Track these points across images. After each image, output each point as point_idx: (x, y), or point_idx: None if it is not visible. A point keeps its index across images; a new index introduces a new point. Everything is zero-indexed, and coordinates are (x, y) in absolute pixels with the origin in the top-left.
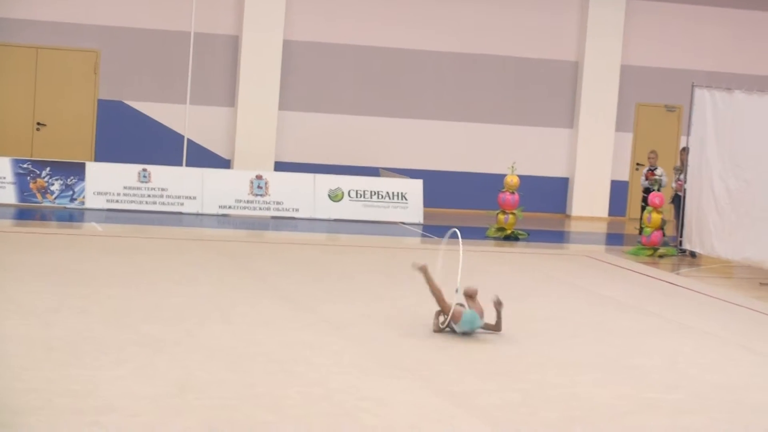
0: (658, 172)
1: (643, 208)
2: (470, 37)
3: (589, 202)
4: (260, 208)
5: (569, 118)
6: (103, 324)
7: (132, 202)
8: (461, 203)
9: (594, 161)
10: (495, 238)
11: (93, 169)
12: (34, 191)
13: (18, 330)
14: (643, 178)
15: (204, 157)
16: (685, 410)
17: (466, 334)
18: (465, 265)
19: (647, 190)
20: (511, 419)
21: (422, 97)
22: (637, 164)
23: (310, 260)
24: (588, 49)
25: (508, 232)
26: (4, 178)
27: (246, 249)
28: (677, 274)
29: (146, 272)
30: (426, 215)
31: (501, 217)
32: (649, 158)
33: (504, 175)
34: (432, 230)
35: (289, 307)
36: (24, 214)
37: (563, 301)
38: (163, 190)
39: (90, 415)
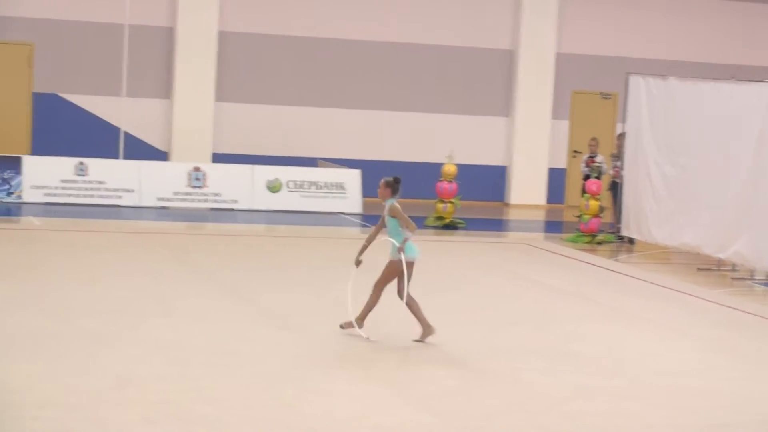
0: (599, 159)
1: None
2: (405, 26)
3: (527, 190)
4: (199, 200)
5: (506, 107)
6: (42, 318)
7: (70, 195)
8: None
9: (531, 149)
10: (434, 227)
11: (30, 162)
12: None
13: None
14: (583, 165)
15: (141, 150)
16: (625, 396)
17: (411, 260)
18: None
19: (587, 177)
20: (450, 407)
21: (359, 87)
22: (575, 151)
23: (249, 252)
24: (523, 37)
25: (447, 221)
26: None
27: (185, 241)
28: (616, 260)
29: (85, 266)
30: (365, 205)
31: (439, 206)
32: (589, 145)
33: (442, 164)
34: (371, 220)
35: (229, 299)
36: None
37: (503, 288)
38: (100, 183)
39: (30, 410)
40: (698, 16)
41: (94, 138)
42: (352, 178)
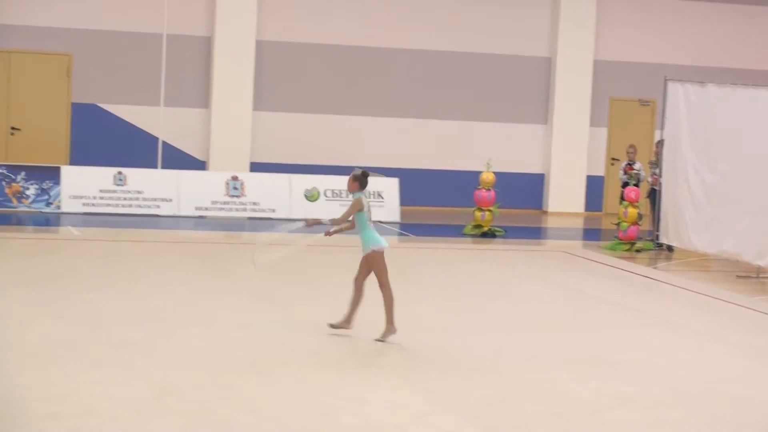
0: (637, 166)
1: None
2: (444, 34)
3: (565, 198)
4: (237, 210)
5: (543, 114)
6: (80, 328)
7: (108, 205)
8: (438, 201)
9: (569, 157)
10: (472, 236)
11: (68, 172)
12: (10, 196)
13: None
14: (622, 172)
15: (179, 159)
16: (663, 404)
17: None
18: (443, 263)
19: (625, 185)
20: (490, 415)
21: (397, 96)
22: (613, 159)
23: (286, 261)
24: (560, 44)
25: (485, 229)
26: None
27: (223, 251)
28: (654, 268)
29: (124, 275)
30: (403, 213)
31: (477, 214)
32: (627, 153)
33: (480, 172)
34: (409, 228)
35: (268, 308)
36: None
37: (541, 296)
38: (138, 192)
39: (68, 420)
40: (737, 22)
41: (132, 148)
42: (390, 186)
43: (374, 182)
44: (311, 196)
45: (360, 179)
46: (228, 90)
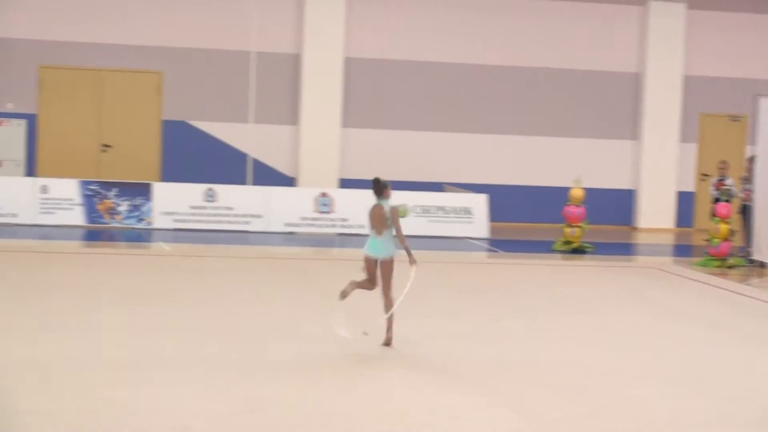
0: (728, 182)
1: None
2: (531, 50)
3: (655, 214)
4: (326, 226)
5: (633, 130)
6: (172, 343)
7: (199, 221)
8: (526, 217)
9: (659, 172)
10: (562, 252)
11: (160, 189)
12: (102, 212)
13: (88, 350)
14: (713, 188)
15: (269, 176)
16: (757, 423)
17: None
18: (533, 279)
19: (716, 201)
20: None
21: (485, 112)
22: (703, 174)
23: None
24: (649, 60)
25: (575, 245)
26: (72, 199)
27: (313, 266)
28: (747, 284)
29: (214, 291)
30: (491, 230)
31: (567, 230)
32: (719, 168)
33: (569, 188)
34: (498, 244)
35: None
36: (92, 235)
37: (633, 313)
38: (229, 209)
39: None
40: None
41: (222, 164)
42: (479, 202)
43: (462, 198)
44: (400, 213)
45: (375, 186)
46: (317, 107)
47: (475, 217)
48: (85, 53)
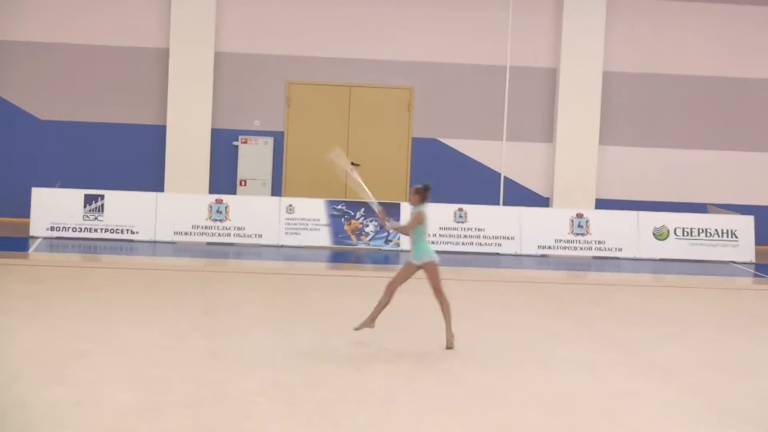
0: None
1: None
2: None
3: None
4: (582, 248)
5: None
6: (418, 367)
7: (448, 243)
8: None
9: None
10: None
11: (408, 209)
12: (349, 233)
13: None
14: None
15: (521, 196)
16: None
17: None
18: None
19: None
20: None
21: (751, 128)
22: None
23: (633, 302)
24: None
25: None
26: (319, 220)
27: (566, 291)
28: None
29: (458, 314)
30: (758, 254)
31: None
32: None
33: None
34: (764, 269)
35: (613, 351)
36: (339, 257)
37: None
38: (479, 230)
39: None
40: None
41: (473, 183)
42: (745, 224)
43: (727, 220)
44: (660, 235)
45: (422, 192)
46: (573, 123)
47: (740, 240)
48: (334, 68)
